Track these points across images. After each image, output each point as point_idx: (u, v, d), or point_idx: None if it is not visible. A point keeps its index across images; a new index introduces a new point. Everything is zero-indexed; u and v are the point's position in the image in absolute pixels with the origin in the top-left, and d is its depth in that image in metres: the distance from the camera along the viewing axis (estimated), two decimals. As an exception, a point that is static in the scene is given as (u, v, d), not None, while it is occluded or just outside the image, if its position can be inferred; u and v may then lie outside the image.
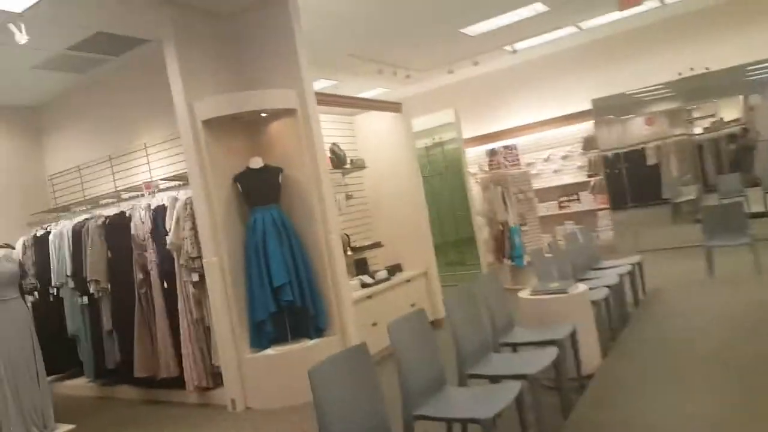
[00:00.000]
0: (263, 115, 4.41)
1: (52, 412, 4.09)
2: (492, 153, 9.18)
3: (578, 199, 8.56)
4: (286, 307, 4.24)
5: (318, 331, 4.34)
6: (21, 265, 4.15)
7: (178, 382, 4.48)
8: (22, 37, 3.87)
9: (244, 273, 4.27)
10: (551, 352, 2.92)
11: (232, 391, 4.20)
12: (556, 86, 8.66)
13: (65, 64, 5.13)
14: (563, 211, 8.66)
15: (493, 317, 3.33)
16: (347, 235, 5.24)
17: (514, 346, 3.35)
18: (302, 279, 4.26)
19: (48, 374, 5.29)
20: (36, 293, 5.50)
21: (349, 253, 5.07)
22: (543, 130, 8.77)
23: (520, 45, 7.95)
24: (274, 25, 4.44)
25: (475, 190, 7.20)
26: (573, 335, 3.28)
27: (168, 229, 4.39)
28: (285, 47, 4.41)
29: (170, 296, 4.48)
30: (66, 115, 6.05)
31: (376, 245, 5.54)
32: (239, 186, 4.34)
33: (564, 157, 8.73)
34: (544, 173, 8.81)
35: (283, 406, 4.03)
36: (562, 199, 8.68)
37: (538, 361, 2.84)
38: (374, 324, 4.76)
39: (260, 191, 4.32)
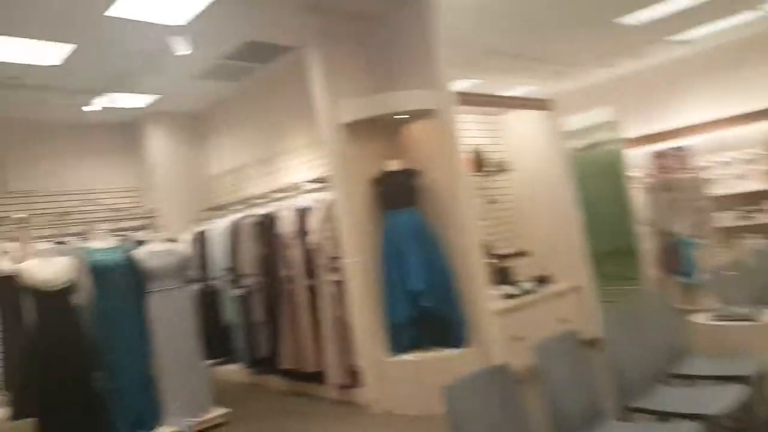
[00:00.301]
0: (402, 117, 4.33)
1: (209, 394, 4.40)
2: (658, 155, 8.18)
3: (765, 210, 7.26)
4: (425, 313, 4.10)
5: (458, 341, 4.14)
6: (186, 257, 4.52)
7: (320, 377, 4.58)
8: (184, 48, 4.20)
9: (383, 275, 4.22)
10: (737, 390, 2.40)
11: (371, 392, 4.18)
12: (736, 80, 7.45)
13: (220, 73, 5.51)
14: (746, 222, 7.40)
15: (661, 342, 2.85)
16: (490, 242, 4.96)
17: (687, 379, 2.83)
18: (441, 285, 4.09)
19: (208, 357, 5.82)
20: (197, 285, 6.01)
21: (492, 261, 4.78)
22: (720, 130, 7.58)
23: (691, 34, 6.97)
24: (413, 24, 4.34)
25: (638, 196, 6.43)
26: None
27: (311, 229, 4.51)
28: (424, 47, 4.28)
29: (313, 293, 4.59)
30: (224, 121, 6.55)
31: (522, 254, 5.17)
32: (377, 189, 4.30)
33: (746, 161, 7.47)
34: (721, 178, 7.61)
35: (421, 413, 3.91)
36: (744, 208, 7.42)
37: (721, 399, 2.35)
38: (518, 339, 4.42)
39: (398, 194, 4.24)
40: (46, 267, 3.79)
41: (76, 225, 4.72)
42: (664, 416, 2.38)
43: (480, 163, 5.04)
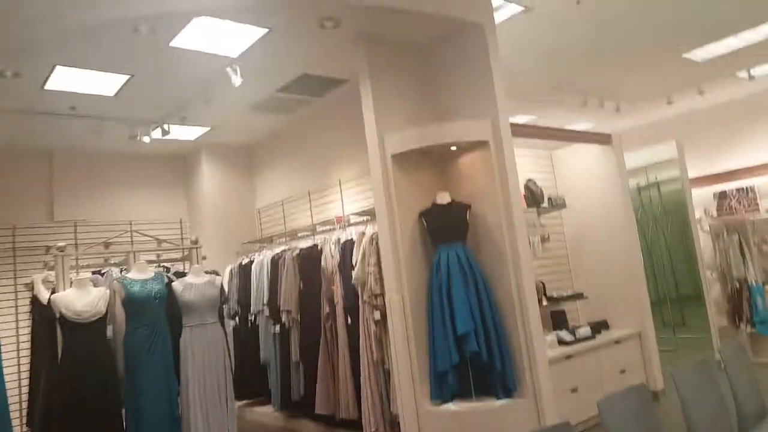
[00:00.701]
0: (453, 148, 4.16)
1: (237, 433, 4.17)
2: (723, 196, 7.69)
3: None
4: (471, 359, 3.80)
5: (506, 391, 3.81)
6: (222, 291, 4.41)
7: (356, 425, 4.32)
8: (237, 80, 4.22)
9: (427, 315, 3.97)
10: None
11: (409, 442, 3.87)
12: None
13: (274, 106, 5.56)
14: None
15: (738, 400, 2.48)
16: (542, 283, 4.65)
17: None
18: (489, 328, 3.80)
19: (240, 398, 5.64)
20: (237, 319, 5.91)
21: (545, 303, 4.46)
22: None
23: (757, 71, 6.59)
24: (468, 55, 4.21)
25: (702, 238, 5.98)
26: None
27: (354, 264, 4.33)
28: (480, 77, 4.14)
29: (353, 332, 4.40)
30: (273, 154, 6.58)
31: (578, 296, 4.83)
32: (425, 222, 4.10)
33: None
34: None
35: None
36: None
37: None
38: (572, 390, 4.05)
39: (446, 228, 4.01)
40: (80, 298, 3.75)
41: (117, 255, 4.71)
42: None
43: (533, 199, 4.78)
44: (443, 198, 4.08)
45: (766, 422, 2.57)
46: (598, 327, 4.66)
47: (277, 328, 5.24)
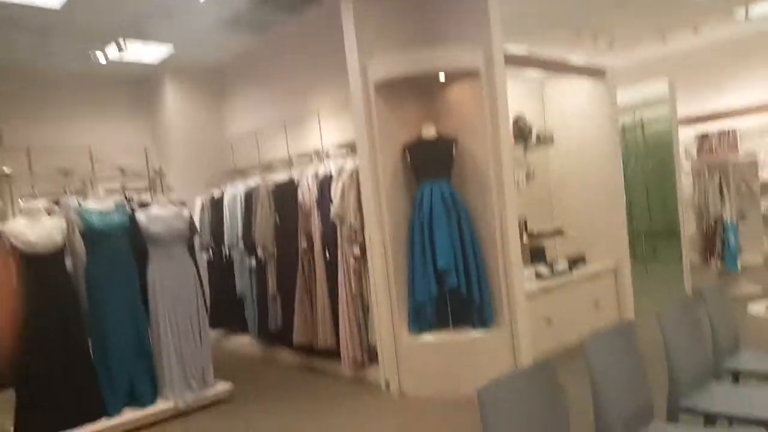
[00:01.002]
0: (442, 77, 3.95)
1: (211, 368, 4.18)
2: (707, 136, 7.71)
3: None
4: (450, 292, 3.81)
5: (483, 322, 3.87)
6: (192, 224, 4.25)
7: (334, 354, 4.38)
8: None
9: (407, 250, 3.93)
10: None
11: (388, 372, 3.97)
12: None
13: (244, 22, 5.12)
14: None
15: (716, 336, 2.55)
16: (525, 219, 4.62)
17: (740, 376, 2.54)
18: (470, 263, 3.80)
19: (217, 326, 5.61)
20: (211, 252, 5.78)
21: (525, 239, 4.46)
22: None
23: (755, 10, 6.38)
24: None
25: (684, 177, 6.05)
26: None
27: (333, 199, 4.20)
28: (473, 1, 3.88)
29: (331, 267, 4.35)
30: (245, 78, 6.21)
31: (557, 232, 4.84)
32: (408, 156, 3.97)
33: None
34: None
35: (440, 395, 3.72)
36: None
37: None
38: (548, 321, 4.14)
39: (431, 163, 3.91)
40: (31, 228, 3.52)
41: (75, 184, 4.43)
42: (713, 418, 2.13)
43: (521, 135, 4.66)
44: (429, 131, 3.93)
45: (739, 353, 2.66)
46: (576, 261, 4.74)
47: (253, 261, 5.15)
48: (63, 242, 3.63)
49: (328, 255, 4.37)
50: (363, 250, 4.07)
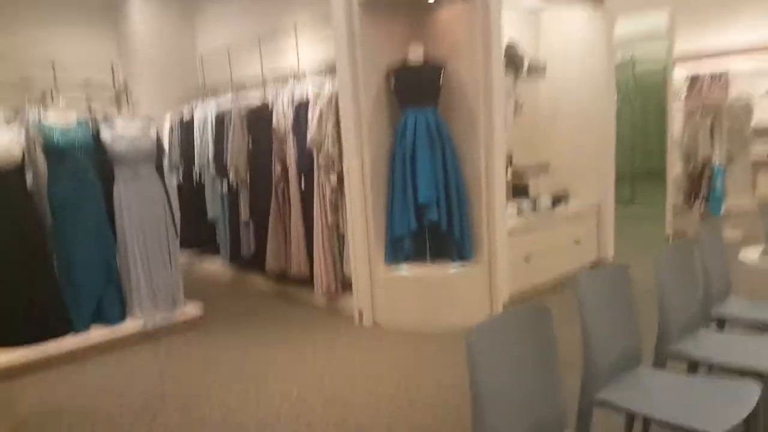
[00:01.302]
0: (430, -3, 3.67)
1: (181, 290, 4.11)
2: (693, 79, 7.51)
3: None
4: (429, 225, 3.74)
5: (461, 256, 3.83)
6: (160, 144, 4.02)
7: (307, 282, 4.32)
8: None
9: (387, 182, 3.80)
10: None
11: (361, 303, 3.93)
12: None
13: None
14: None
15: (708, 283, 2.52)
16: (510, 154, 4.50)
17: (728, 323, 2.55)
18: (452, 197, 3.71)
19: (189, 246, 5.49)
20: (180, 174, 5.54)
21: (509, 174, 4.36)
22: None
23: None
24: None
25: (675, 117, 5.93)
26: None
27: (310, 124, 3.99)
28: None
29: (307, 196, 4.20)
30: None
31: (542, 168, 4.75)
32: (392, 81, 3.75)
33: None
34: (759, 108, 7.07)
35: (414, 328, 3.72)
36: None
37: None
38: (527, 258, 4.13)
39: (416, 89, 3.70)
40: None
41: (36, 94, 4.11)
42: (703, 365, 2.13)
43: (511, 62, 4.43)
44: (416, 54, 3.70)
45: (727, 301, 2.65)
46: (559, 199, 4.67)
47: (225, 186, 4.97)
48: (22, 157, 3.41)
49: (303, 183, 4.21)
50: (340, 179, 3.92)
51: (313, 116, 3.97)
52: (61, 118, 3.61)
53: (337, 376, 3.09)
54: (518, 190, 4.55)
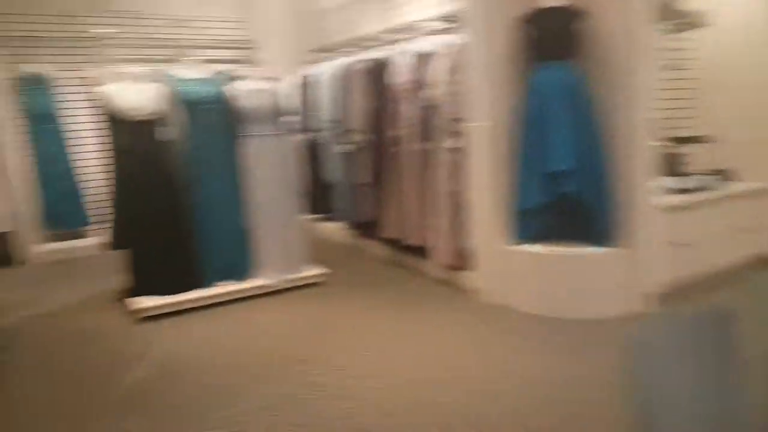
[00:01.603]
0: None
1: (305, 250, 4.14)
2: None
3: None
4: (564, 199, 3.29)
5: (600, 238, 3.34)
6: (284, 101, 3.96)
7: (424, 251, 4.13)
8: None
9: (516, 147, 3.39)
10: None
11: (483, 279, 3.63)
12: None
13: None
14: None
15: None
16: (661, 120, 3.82)
17: None
18: (591, 167, 3.21)
19: (305, 215, 5.53)
20: (300, 135, 5.52)
21: (660, 144, 3.71)
22: None
23: None
24: None
25: None
26: None
27: (431, 82, 3.67)
28: None
29: (425, 160, 3.92)
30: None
31: (702, 139, 3.99)
32: (525, 32, 3.28)
33: None
34: None
35: (541, 312, 3.35)
36: None
37: None
38: (681, 245, 3.50)
39: (552, 41, 3.21)
40: (129, 93, 3.47)
41: (169, 52, 4.25)
42: None
43: (667, 12, 3.71)
44: (551, 1, 3.18)
45: None
46: (721, 176, 3.92)
47: (345, 147, 4.86)
48: (157, 110, 3.57)
49: (421, 146, 3.95)
50: (463, 143, 3.60)
51: (433, 73, 3.65)
52: (191, 73, 3.74)
53: (457, 356, 2.91)
54: (672, 164, 3.86)
